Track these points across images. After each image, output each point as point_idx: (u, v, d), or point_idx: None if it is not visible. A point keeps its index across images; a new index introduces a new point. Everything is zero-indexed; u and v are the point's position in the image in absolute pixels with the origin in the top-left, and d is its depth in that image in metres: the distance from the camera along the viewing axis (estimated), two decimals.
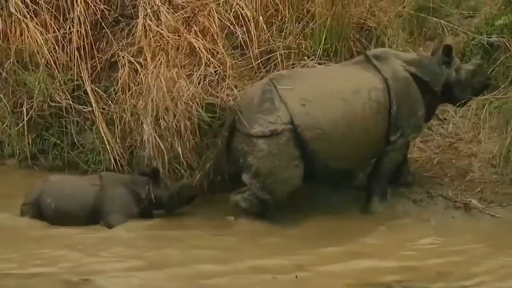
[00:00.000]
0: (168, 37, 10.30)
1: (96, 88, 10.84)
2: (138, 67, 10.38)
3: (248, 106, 9.31)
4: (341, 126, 9.26)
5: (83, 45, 10.92)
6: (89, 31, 10.95)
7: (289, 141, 9.16)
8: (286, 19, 10.60)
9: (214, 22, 10.38)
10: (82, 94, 10.94)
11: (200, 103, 9.81)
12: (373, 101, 9.40)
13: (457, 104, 10.05)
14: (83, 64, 10.91)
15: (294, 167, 9.24)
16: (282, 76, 9.49)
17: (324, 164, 9.29)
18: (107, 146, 10.40)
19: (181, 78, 9.82)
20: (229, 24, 10.46)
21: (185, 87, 9.76)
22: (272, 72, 10.19)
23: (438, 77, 9.77)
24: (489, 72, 10.44)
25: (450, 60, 9.81)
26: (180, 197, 9.61)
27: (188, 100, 9.73)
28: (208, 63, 10.03)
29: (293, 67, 10.33)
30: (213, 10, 10.43)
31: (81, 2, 10.91)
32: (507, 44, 10.68)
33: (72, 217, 9.36)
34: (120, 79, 10.47)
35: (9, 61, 11.14)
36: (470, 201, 9.67)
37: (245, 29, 10.44)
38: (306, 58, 10.45)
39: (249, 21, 10.40)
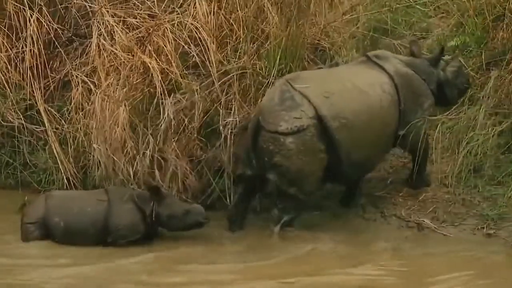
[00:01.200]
0: (122, 56, 10.26)
1: (49, 108, 10.79)
2: (92, 86, 10.34)
3: (270, 106, 9.39)
4: (362, 116, 9.46)
5: (36, 64, 10.86)
6: (42, 50, 10.89)
7: (314, 136, 9.29)
8: (241, 39, 10.61)
9: (169, 42, 10.37)
10: (35, 113, 10.88)
11: None
12: (387, 94, 9.67)
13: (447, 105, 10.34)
14: (36, 84, 10.84)
15: (319, 160, 9.37)
16: (298, 76, 9.65)
17: (347, 155, 9.42)
18: (60, 166, 10.33)
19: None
20: (183, 44, 10.45)
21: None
22: (226, 92, 10.27)
23: (432, 76, 10.06)
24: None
25: (439, 61, 10.11)
26: (185, 220, 9.44)
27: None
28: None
29: (248, 88, 10.35)
30: (167, 30, 10.41)
31: (34, 21, 10.84)
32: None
33: (83, 235, 9.27)
34: (73, 98, 10.44)
35: None
36: (423, 220, 9.75)
37: (199, 49, 10.43)
38: (261, 78, 10.50)
39: (203, 42, 10.39)
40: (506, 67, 10.36)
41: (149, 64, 10.19)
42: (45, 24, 10.90)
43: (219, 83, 10.34)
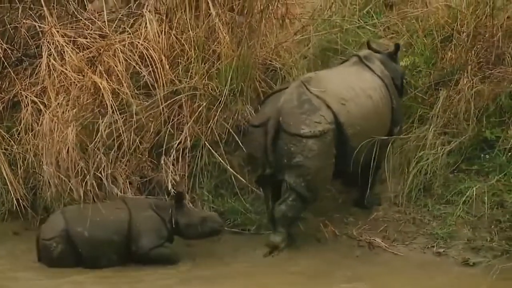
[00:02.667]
0: (72, 76, 10.20)
1: None
2: (42, 107, 10.25)
3: (289, 108, 9.54)
4: (370, 121, 9.80)
5: None
6: None
7: (332, 140, 9.55)
8: (192, 59, 10.61)
9: (119, 62, 10.33)
10: None
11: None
12: (384, 97, 10.04)
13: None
14: None
15: (331, 165, 9.64)
16: (310, 78, 9.80)
17: (357, 160, 9.67)
18: (10, 187, 10.19)
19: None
20: (134, 64, 10.42)
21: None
22: (176, 113, 10.27)
23: (397, 72, 10.45)
24: None
25: (397, 56, 10.58)
26: (202, 228, 9.52)
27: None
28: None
29: (199, 108, 10.34)
30: (118, 50, 10.38)
31: None
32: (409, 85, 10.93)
33: (108, 244, 9.30)
34: (23, 119, 10.32)
35: None
36: (374, 239, 9.80)
37: (150, 69, 10.41)
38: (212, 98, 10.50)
39: (154, 62, 10.37)
40: (455, 87, 10.49)
41: (99, 84, 10.13)
42: None
43: (169, 102, 10.31)
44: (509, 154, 9.99)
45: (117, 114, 10.06)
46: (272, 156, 9.48)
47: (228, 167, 10.34)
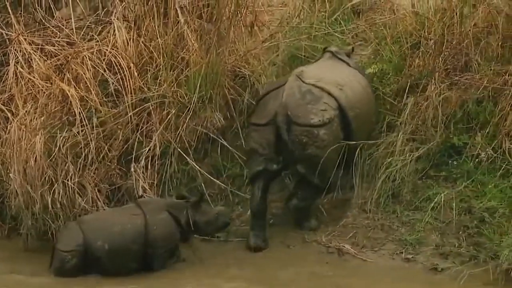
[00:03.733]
0: (40, 84, 10.15)
1: None
2: (9, 115, 10.20)
3: (294, 101, 9.79)
4: (364, 107, 10.18)
5: None
6: None
7: (338, 125, 9.89)
8: (161, 66, 10.60)
9: (88, 70, 10.32)
10: None
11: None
12: (368, 86, 10.48)
13: None
14: None
15: (339, 148, 9.91)
16: (302, 71, 10.07)
17: (355, 145, 10.03)
18: None
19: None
20: (102, 72, 10.39)
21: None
22: (145, 120, 10.30)
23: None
24: None
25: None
26: (216, 223, 9.71)
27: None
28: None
29: (168, 116, 10.32)
30: (86, 57, 10.37)
31: None
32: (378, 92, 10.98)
33: (127, 253, 9.36)
34: None
35: None
36: (343, 246, 9.84)
37: (119, 76, 10.38)
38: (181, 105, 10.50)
39: (123, 69, 10.35)
40: (423, 94, 10.53)
41: (67, 92, 10.12)
42: None
43: (138, 110, 10.30)
44: (477, 160, 10.04)
45: (85, 122, 10.02)
46: (284, 150, 9.68)
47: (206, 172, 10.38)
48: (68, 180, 9.84)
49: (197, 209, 9.62)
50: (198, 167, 10.43)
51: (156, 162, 10.33)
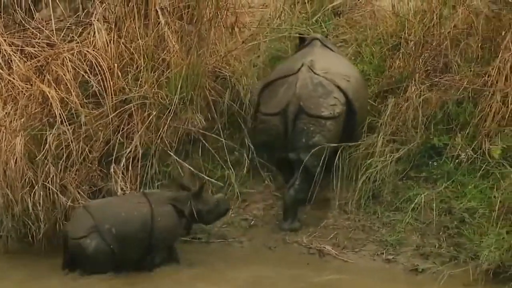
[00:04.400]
0: (20, 86, 10.11)
1: None
2: None
3: (307, 92, 10.05)
4: (364, 94, 10.55)
5: None
6: None
7: (343, 119, 10.19)
8: (142, 68, 10.58)
9: (68, 71, 10.28)
10: None
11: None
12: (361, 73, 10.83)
13: None
14: None
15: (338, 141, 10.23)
16: (313, 61, 10.25)
17: (358, 134, 10.42)
18: None
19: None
20: (83, 73, 10.36)
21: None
22: (126, 122, 10.27)
23: None
24: None
25: None
26: (218, 211, 9.78)
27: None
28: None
29: (149, 117, 10.33)
30: (66, 59, 10.32)
31: None
32: None
33: (134, 239, 9.35)
34: None
35: None
36: (324, 247, 9.86)
37: (99, 78, 10.36)
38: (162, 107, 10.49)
39: (103, 70, 10.32)
40: (403, 95, 10.58)
41: (48, 94, 10.07)
42: None
43: (119, 111, 10.29)
44: (457, 161, 10.09)
45: (66, 124, 9.99)
46: (292, 138, 9.96)
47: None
48: (48, 182, 9.78)
49: (199, 198, 9.65)
50: (188, 166, 10.42)
51: (137, 164, 10.29)
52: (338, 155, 10.22)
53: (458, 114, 10.30)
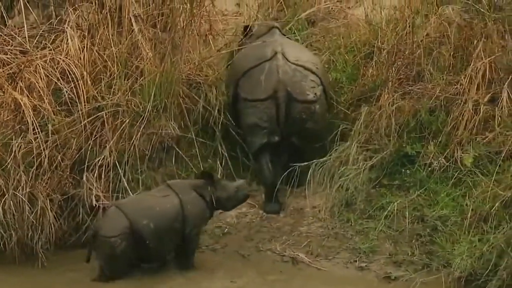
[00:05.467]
0: None
1: None
2: None
3: (290, 78, 10.43)
4: (329, 83, 10.94)
5: None
6: None
7: (324, 100, 10.66)
8: (115, 75, 10.55)
9: (41, 79, 10.24)
10: None
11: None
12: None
13: None
14: None
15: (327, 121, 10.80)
16: (283, 49, 10.59)
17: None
18: None
19: None
20: (56, 81, 10.32)
21: None
22: (99, 129, 10.24)
23: None
24: None
25: None
26: (237, 197, 9.84)
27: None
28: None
29: (123, 125, 10.29)
30: (39, 66, 10.28)
31: None
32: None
33: (170, 232, 9.44)
34: None
35: None
36: (298, 255, 9.86)
37: (72, 85, 10.32)
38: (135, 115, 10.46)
39: (76, 78, 10.29)
40: (376, 103, 10.61)
41: (20, 101, 10.03)
42: None
43: (92, 119, 10.26)
44: (429, 169, 10.13)
45: (38, 131, 9.94)
46: (284, 124, 10.30)
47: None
48: (19, 190, 9.72)
49: (218, 186, 9.74)
50: (151, 177, 10.40)
51: (110, 171, 10.26)
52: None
53: (430, 123, 10.35)
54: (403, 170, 10.29)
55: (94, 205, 10.02)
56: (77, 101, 10.31)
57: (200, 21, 11.34)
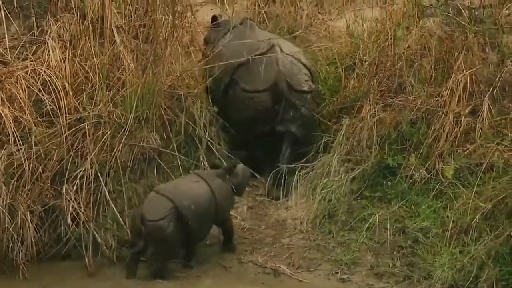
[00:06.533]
0: None
1: None
2: None
3: (288, 70, 10.91)
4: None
5: None
6: None
7: (316, 92, 11.19)
8: (97, 86, 10.53)
9: (22, 90, 10.19)
10: None
11: None
12: None
13: None
14: None
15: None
16: (278, 42, 11.13)
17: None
18: None
19: None
20: (37, 92, 10.28)
21: None
22: (81, 141, 10.23)
23: None
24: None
25: None
26: (245, 181, 10.28)
27: None
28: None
29: (104, 136, 10.28)
30: (20, 77, 10.24)
31: None
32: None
33: (206, 215, 9.68)
34: None
35: None
36: (279, 266, 9.85)
37: (54, 96, 10.29)
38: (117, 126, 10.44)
39: (58, 89, 10.26)
40: (358, 115, 10.66)
41: (1, 112, 9.97)
42: None
43: (73, 130, 10.22)
44: (411, 181, 10.16)
45: (19, 142, 9.90)
46: (281, 112, 10.80)
47: None
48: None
49: (232, 173, 10.05)
50: (133, 188, 10.38)
51: (91, 183, 10.22)
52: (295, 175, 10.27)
53: (412, 134, 10.39)
54: (384, 182, 10.32)
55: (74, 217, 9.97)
56: (59, 112, 10.26)
57: (182, 32, 11.33)
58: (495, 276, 9.03)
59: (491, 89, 10.20)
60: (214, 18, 11.78)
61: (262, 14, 12.49)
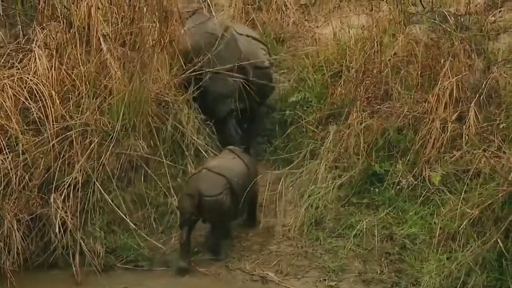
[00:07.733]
0: None
1: None
2: None
3: (250, 49, 11.48)
4: None
5: None
6: None
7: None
8: (83, 94, 10.51)
9: (8, 98, 10.16)
10: None
11: None
12: None
13: None
14: None
15: None
16: (231, 25, 11.63)
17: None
18: None
19: None
20: (23, 100, 10.26)
21: None
22: (68, 149, 10.20)
23: None
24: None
25: None
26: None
27: None
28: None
29: (91, 144, 10.25)
30: (6, 85, 10.21)
31: None
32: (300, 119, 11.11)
33: (246, 189, 10.05)
34: None
35: None
36: (267, 274, 9.84)
37: (40, 105, 10.26)
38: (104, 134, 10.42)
39: (44, 97, 10.24)
40: (345, 122, 10.68)
41: None
42: None
43: (60, 138, 10.20)
44: (398, 187, 10.18)
45: (6, 151, 9.87)
46: (250, 88, 11.20)
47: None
48: None
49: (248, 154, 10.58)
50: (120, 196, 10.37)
51: (79, 191, 10.20)
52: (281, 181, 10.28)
53: (398, 141, 10.41)
54: (371, 189, 10.34)
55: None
56: (46, 120, 10.24)
57: (169, 40, 11.32)
58: (482, 282, 9.05)
59: (477, 95, 10.23)
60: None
61: (250, 21, 12.50)
